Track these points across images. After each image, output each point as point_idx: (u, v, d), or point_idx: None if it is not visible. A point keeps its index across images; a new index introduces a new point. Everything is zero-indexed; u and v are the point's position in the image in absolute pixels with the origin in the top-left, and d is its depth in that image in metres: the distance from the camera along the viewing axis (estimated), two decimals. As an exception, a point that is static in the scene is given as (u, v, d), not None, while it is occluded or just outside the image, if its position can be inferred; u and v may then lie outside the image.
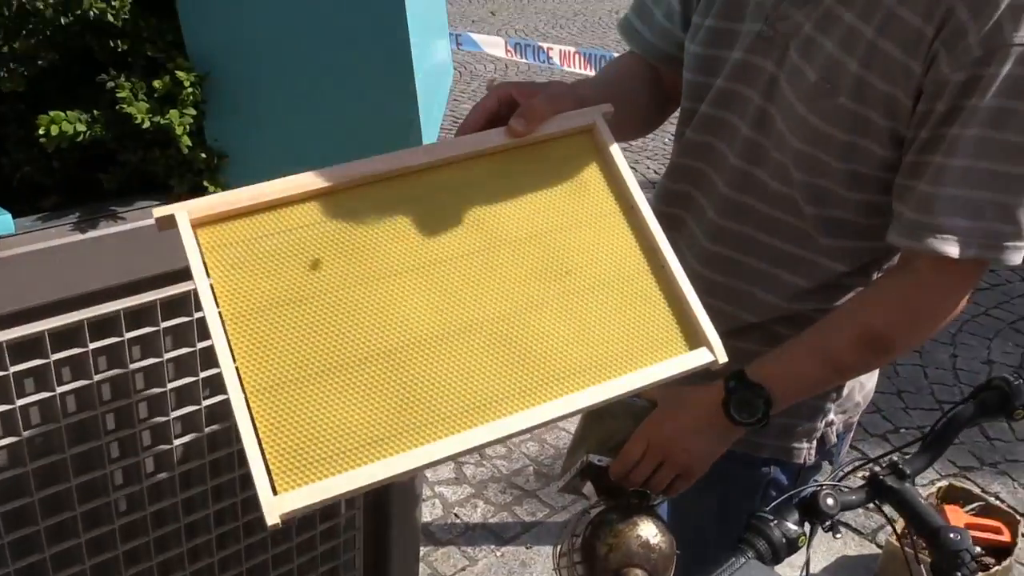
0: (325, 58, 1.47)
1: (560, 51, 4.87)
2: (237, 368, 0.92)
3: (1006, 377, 1.26)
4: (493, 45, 5.30)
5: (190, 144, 1.41)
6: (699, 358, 1.06)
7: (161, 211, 0.99)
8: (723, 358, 1.07)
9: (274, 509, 0.87)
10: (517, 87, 1.16)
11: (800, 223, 1.28)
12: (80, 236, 1.42)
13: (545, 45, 4.94)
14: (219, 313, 0.94)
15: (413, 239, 1.04)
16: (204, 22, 1.44)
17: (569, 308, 1.05)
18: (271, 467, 0.89)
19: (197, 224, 0.99)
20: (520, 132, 1.11)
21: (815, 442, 1.43)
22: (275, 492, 0.88)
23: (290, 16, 1.45)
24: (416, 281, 1.02)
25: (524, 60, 5.22)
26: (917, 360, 4.02)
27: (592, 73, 5.08)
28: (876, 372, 1.49)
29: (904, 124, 1.14)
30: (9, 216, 1.33)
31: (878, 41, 1.12)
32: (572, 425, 1.48)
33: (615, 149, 1.15)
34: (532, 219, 1.09)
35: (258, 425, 0.90)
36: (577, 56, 4.83)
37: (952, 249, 1.09)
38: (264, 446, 0.89)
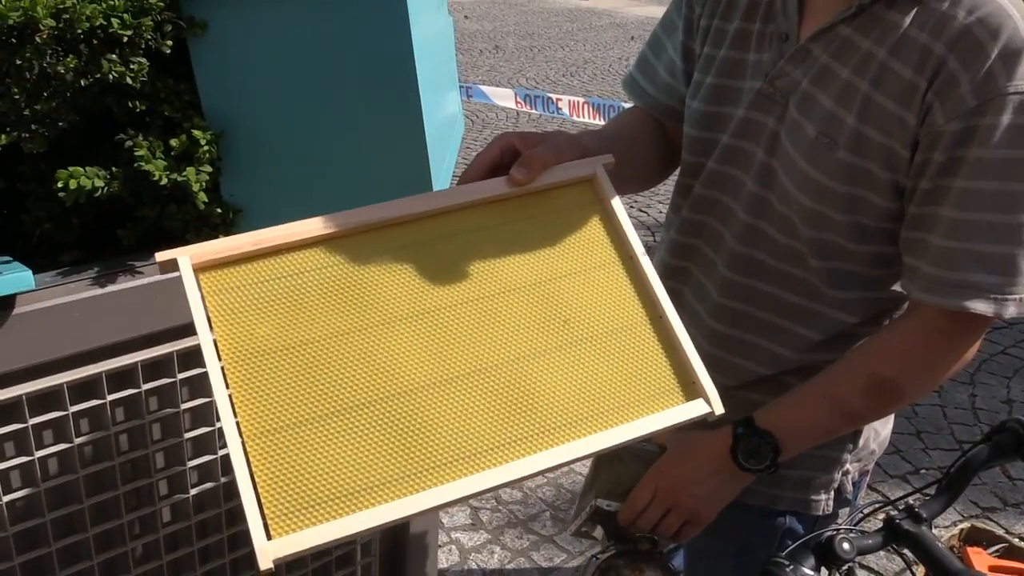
0: (337, 114, 1.50)
1: (569, 101, 4.94)
2: (235, 411, 0.93)
3: (1020, 420, 1.27)
4: (503, 97, 5.38)
5: (206, 200, 1.45)
6: (695, 409, 1.07)
7: (164, 255, 1.01)
8: (719, 410, 1.07)
9: (267, 554, 0.88)
10: (520, 136, 1.19)
11: (808, 276, 1.29)
12: (99, 290, 1.46)
13: (554, 96, 5.01)
14: (217, 355, 0.96)
15: (412, 286, 1.05)
16: (220, 82, 1.48)
17: (567, 357, 1.06)
18: (266, 511, 0.90)
19: (199, 268, 1.01)
20: (521, 181, 1.13)
21: (832, 492, 1.43)
22: (269, 537, 0.89)
23: (302, 74, 1.49)
24: (415, 328, 1.03)
25: (534, 111, 5.28)
26: (936, 400, 4.00)
27: (602, 123, 5.14)
28: (891, 418, 1.49)
29: (903, 175, 1.15)
30: (29, 273, 1.37)
31: (873, 95, 1.14)
32: (587, 469, 1.48)
33: (615, 199, 1.17)
34: (532, 268, 1.10)
35: (254, 469, 0.91)
36: (586, 106, 4.89)
37: (987, 307, 1.09)
38: (260, 490, 0.90)
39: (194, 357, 1.52)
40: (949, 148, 1.09)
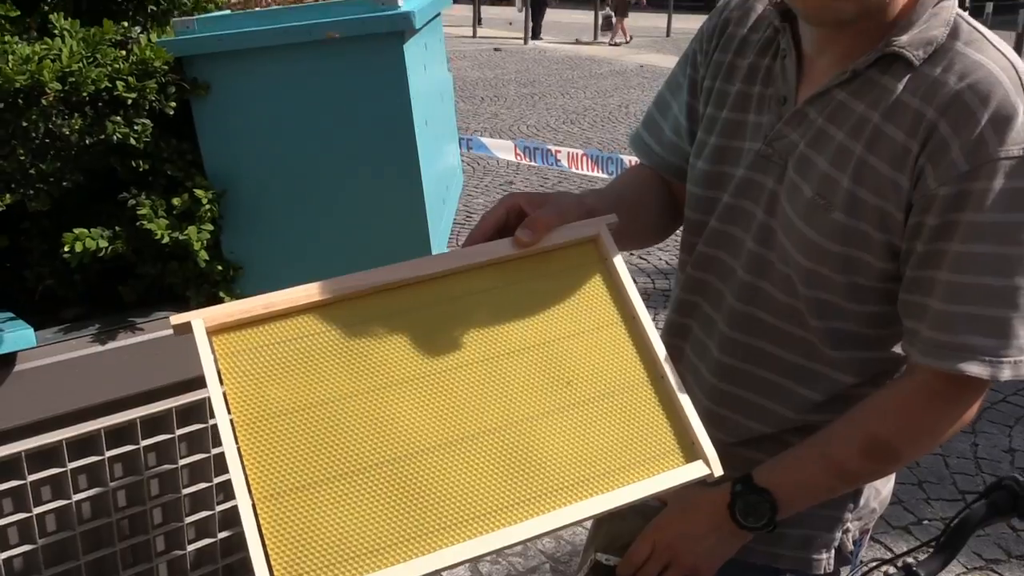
0: (336, 174, 1.53)
1: (568, 153, 4.99)
2: (246, 474, 0.94)
3: (1016, 477, 1.26)
4: (503, 149, 5.44)
5: (207, 258, 1.46)
6: (695, 471, 1.07)
7: (178, 319, 1.02)
8: (718, 471, 1.07)
9: None
10: (526, 197, 1.20)
11: (807, 335, 1.30)
12: (99, 347, 1.47)
13: (553, 148, 5.06)
14: (230, 420, 0.97)
15: (419, 347, 1.07)
16: (222, 142, 1.51)
17: (569, 418, 1.07)
18: (275, 573, 0.90)
19: (212, 331, 1.02)
20: (526, 242, 1.15)
21: (833, 551, 1.42)
22: None
23: (303, 134, 1.51)
24: (420, 389, 1.04)
25: (533, 163, 5.34)
26: (938, 450, 3.98)
27: (599, 174, 5.18)
28: (892, 477, 1.48)
29: (898, 237, 1.16)
30: (31, 330, 1.38)
31: (867, 158, 1.15)
32: (589, 522, 1.48)
33: (619, 259, 1.18)
34: (535, 328, 1.11)
35: (264, 531, 0.92)
36: (585, 159, 4.94)
37: (982, 370, 1.10)
38: (269, 552, 0.91)
39: (193, 413, 1.52)
40: (943, 212, 1.10)
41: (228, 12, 1.60)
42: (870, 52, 1.18)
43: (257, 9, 1.56)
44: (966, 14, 1.20)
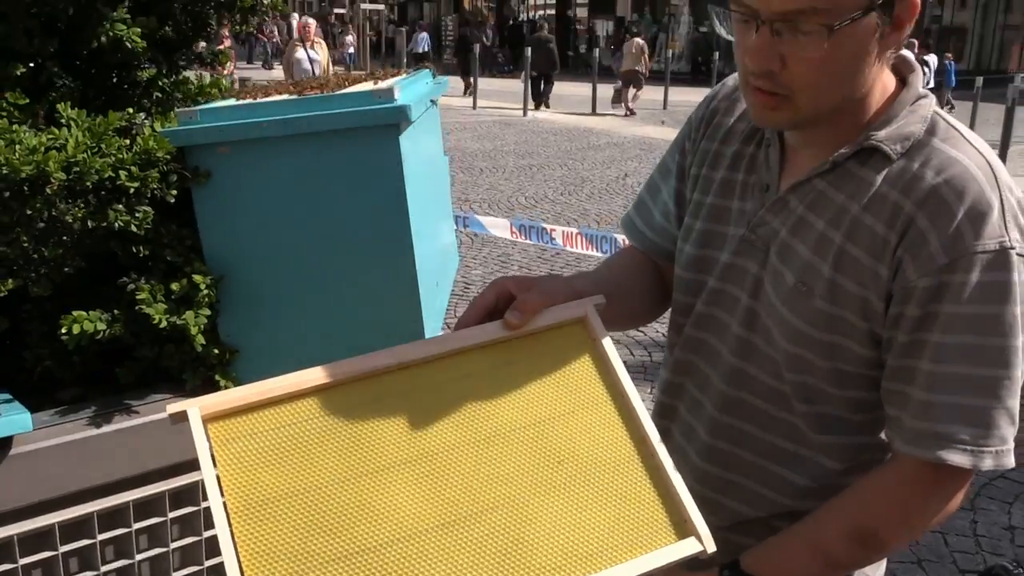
0: (332, 259, 1.56)
1: (563, 232, 5.05)
2: (239, 559, 0.94)
3: (1005, 566, 1.27)
4: (498, 227, 5.51)
5: (204, 342, 1.48)
6: (688, 548, 1.07)
7: (175, 407, 1.04)
8: (711, 547, 1.08)
9: None
10: (515, 281, 1.23)
11: (794, 419, 1.31)
12: (95, 430, 1.48)
13: (548, 227, 5.13)
14: (224, 505, 0.97)
15: (411, 431, 1.08)
16: (221, 228, 1.54)
17: (561, 497, 1.08)
18: None
19: (208, 419, 1.03)
20: (515, 324, 1.17)
21: (827, 636, 1.41)
22: None
23: (299, 221, 1.55)
24: (413, 472, 1.05)
25: (529, 241, 5.39)
26: (937, 528, 3.93)
27: (594, 252, 5.24)
28: (883, 563, 1.48)
29: (879, 325, 1.18)
30: (28, 414, 1.39)
31: (847, 247, 1.18)
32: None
33: (606, 339, 1.20)
34: (526, 409, 1.13)
35: None
36: (579, 237, 4.99)
37: (964, 459, 1.11)
38: None
39: (185, 496, 1.52)
40: (922, 303, 1.12)
41: (232, 102, 1.65)
42: (849, 145, 1.21)
43: (260, 100, 1.61)
44: (944, 111, 1.23)
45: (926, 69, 18.98)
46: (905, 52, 1.26)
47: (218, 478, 1.01)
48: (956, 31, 33.34)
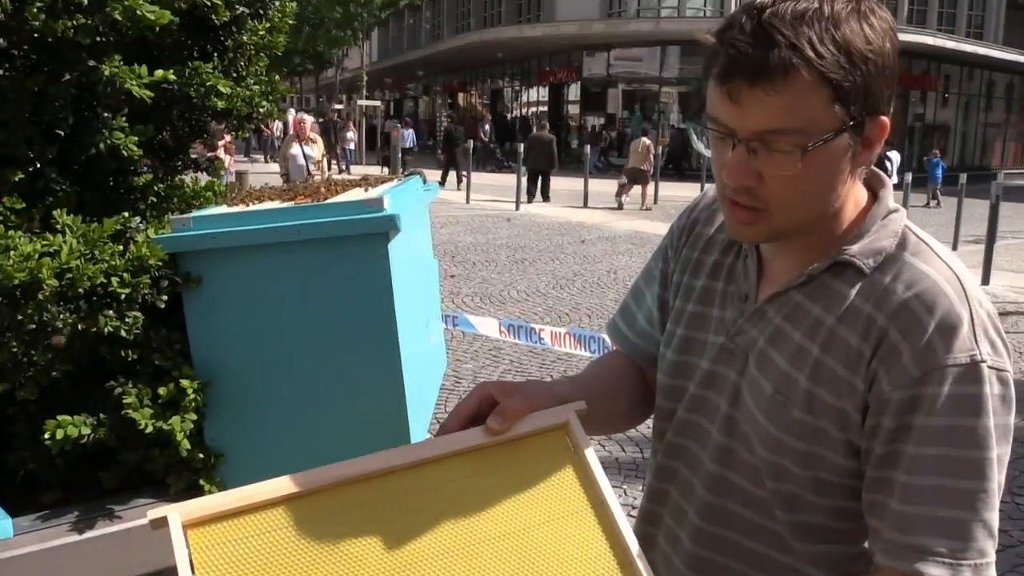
0: (319, 365, 1.57)
1: (552, 332, 5.09)
2: None
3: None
4: (487, 326, 5.57)
5: (189, 446, 1.48)
6: None
7: (155, 513, 1.04)
8: None
9: None
10: (497, 386, 1.24)
11: (777, 527, 1.31)
12: (77, 536, 1.46)
13: (537, 327, 5.18)
14: None
15: (392, 538, 1.08)
16: (210, 332, 1.56)
17: None
18: None
19: (188, 525, 1.04)
20: (496, 431, 1.18)
21: None
22: None
23: (288, 326, 1.57)
24: None
25: (518, 341, 5.44)
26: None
27: (582, 352, 5.27)
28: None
29: (856, 436, 1.20)
30: (8, 521, 1.38)
31: (823, 359, 1.20)
32: None
33: (588, 446, 1.21)
34: (506, 517, 1.13)
35: None
36: (568, 337, 5.03)
37: (942, 572, 1.10)
38: None
39: (166, 604, 1.50)
40: (897, 415, 1.14)
41: (224, 209, 1.69)
42: (824, 259, 1.25)
43: (251, 207, 1.65)
44: (913, 225, 1.27)
45: (888, 163, 19.37)
46: (875, 169, 1.31)
47: None
48: (939, 128, 34.19)
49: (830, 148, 1.14)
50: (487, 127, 31.06)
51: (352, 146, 25.41)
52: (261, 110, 1.93)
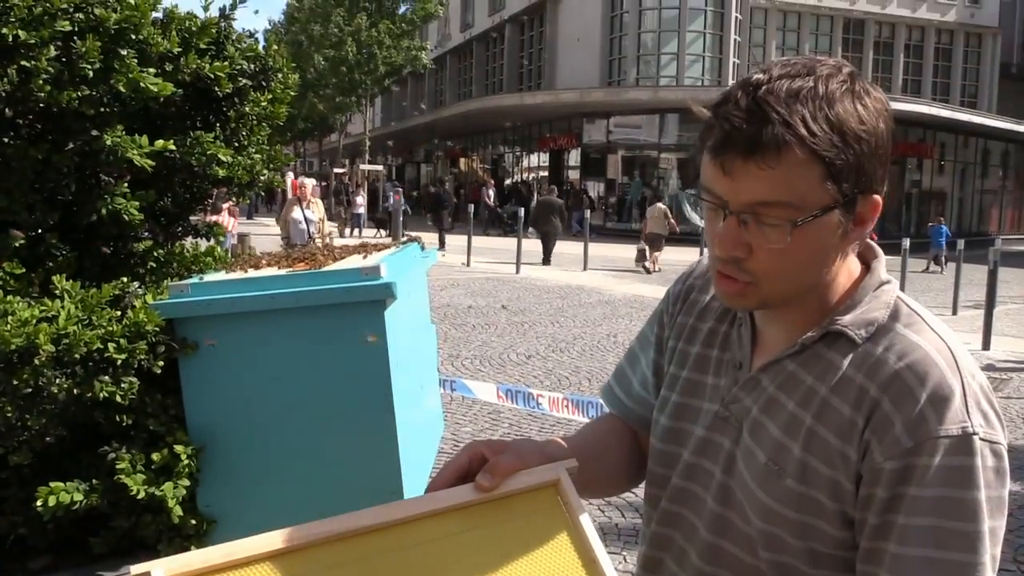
0: (315, 431, 1.57)
1: (549, 398, 5.07)
2: None
3: None
4: (485, 391, 5.55)
5: (181, 513, 1.47)
6: None
7: (139, 568, 1.02)
8: None
9: None
10: (488, 445, 1.23)
11: None
12: (63, 605, 1.45)
13: (535, 392, 5.16)
14: None
15: None
16: (205, 397, 1.56)
17: None
18: None
19: None
20: (486, 487, 1.17)
21: None
22: None
23: (284, 392, 1.57)
24: None
25: (516, 405, 5.42)
26: None
27: (581, 418, 5.24)
28: None
29: (850, 506, 1.19)
30: (-4, 589, 1.37)
31: (816, 428, 1.20)
32: None
33: (578, 504, 1.20)
34: (495, 575, 1.11)
35: None
36: (566, 403, 5.01)
37: None
38: None
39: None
40: (890, 485, 1.13)
41: (223, 276, 1.70)
42: (816, 328, 1.25)
43: (250, 274, 1.66)
44: (906, 296, 1.28)
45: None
46: (868, 241, 1.32)
47: None
48: (935, 195, 34.51)
49: (820, 224, 1.16)
50: (491, 192, 31.30)
51: (362, 211, 25.65)
52: (262, 178, 1.96)
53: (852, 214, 1.19)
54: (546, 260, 18.78)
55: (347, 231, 23.70)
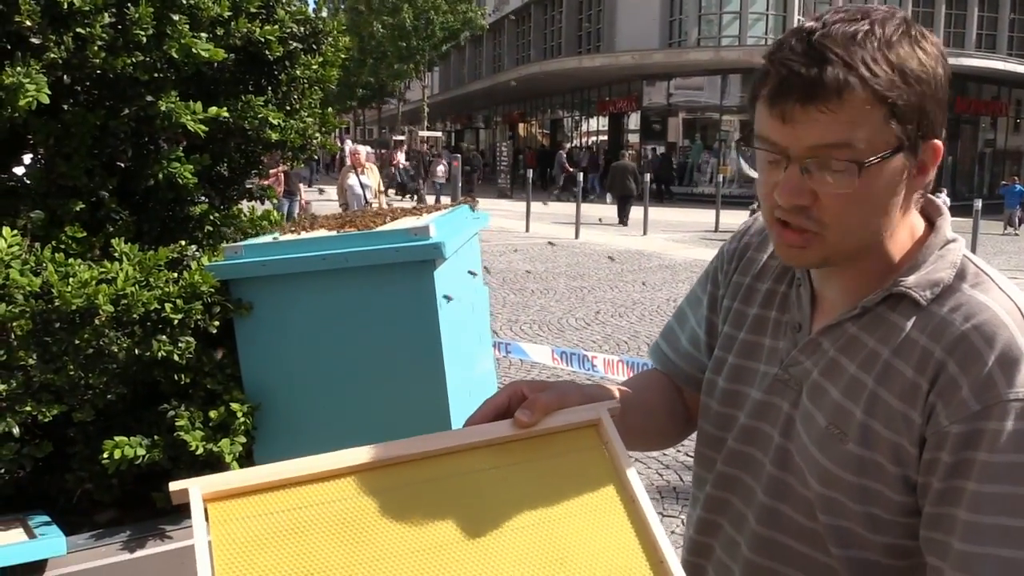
0: (366, 389, 1.59)
1: (604, 360, 5.05)
2: None
3: None
4: (540, 354, 5.55)
5: (238, 468, 1.50)
6: None
7: (176, 485, 1.03)
8: None
9: None
10: (528, 384, 1.22)
11: (830, 562, 1.27)
12: (128, 555, 1.49)
13: (590, 354, 5.14)
14: None
15: (413, 523, 1.06)
16: (261, 357, 1.59)
17: None
18: None
19: (209, 499, 1.03)
20: (525, 423, 1.15)
21: None
22: None
23: (336, 350, 1.59)
24: (415, 564, 1.02)
25: (570, 367, 5.41)
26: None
27: (635, 381, 5.23)
28: None
29: (913, 470, 1.16)
30: (63, 538, 1.41)
31: (878, 391, 1.17)
32: None
33: (619, 444, 1.18)
34: (531, 507, 1.09)
35: None
36: (620, 364, 4.99)
37: None
38: None
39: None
40: (956, 450, 1.10)
41: (275, 237, 1.72)
42: (878, 291, 1.22)
43: (302, 235, 1.67)
44: (973, 255, 1.23)
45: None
46: (931, 197, 1.27)
47: (212, 560, 1.00)
48: (1010, 154, 33.37)
49: (887, 167, 1.11)
50: (564, 157, 30.62)
51: (443, 179, 25.21)
52: (315, 141, 1.97)
53: (916, 159, 1.14)
54: (623, 221, 19.03)
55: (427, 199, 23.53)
